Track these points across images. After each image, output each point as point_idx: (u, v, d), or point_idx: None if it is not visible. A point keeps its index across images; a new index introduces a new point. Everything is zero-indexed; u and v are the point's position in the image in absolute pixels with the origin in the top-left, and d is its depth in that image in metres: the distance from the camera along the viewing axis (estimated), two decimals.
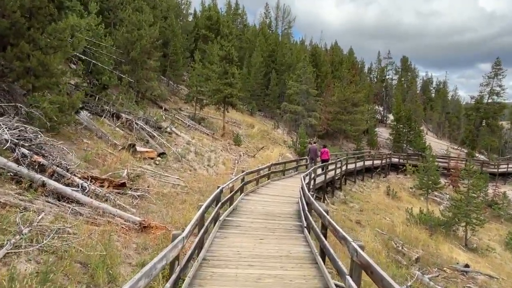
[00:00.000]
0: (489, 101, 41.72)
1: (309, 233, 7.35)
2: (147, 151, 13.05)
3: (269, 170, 15.60)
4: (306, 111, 26.15)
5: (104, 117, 14.98)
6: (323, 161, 17.91)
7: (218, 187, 7.89)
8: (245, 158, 19.93)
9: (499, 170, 35.48)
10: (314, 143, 20.93)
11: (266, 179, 15.67)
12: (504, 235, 21.96)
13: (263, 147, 21.96)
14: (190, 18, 47.60)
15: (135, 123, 15.06)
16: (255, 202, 10.97)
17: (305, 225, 7.70)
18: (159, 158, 13.61)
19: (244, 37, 49.49)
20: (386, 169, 30.73)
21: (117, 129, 14.55)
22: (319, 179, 16.44)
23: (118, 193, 8.82)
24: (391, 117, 54.61)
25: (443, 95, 76.45)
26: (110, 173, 9.79)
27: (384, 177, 29.89)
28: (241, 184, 11.47)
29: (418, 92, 66.10)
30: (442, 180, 34.17)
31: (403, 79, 65.70)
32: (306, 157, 19.72)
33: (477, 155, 45.12)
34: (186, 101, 26.57)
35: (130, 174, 10.38)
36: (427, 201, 21.02)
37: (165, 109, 22.68)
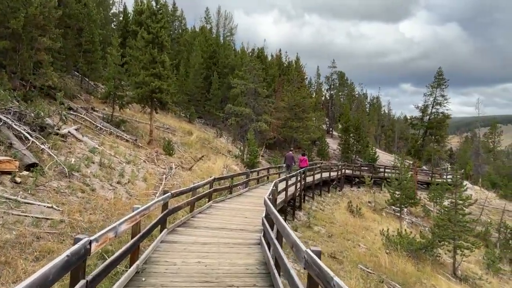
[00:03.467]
0: (433, 111, 41.54)
1: None
2: None
3: (210, 188, 10.86)
4: (254, 115, 21.89)
5: None
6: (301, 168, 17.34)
7: (78, 239, 3.00)
8: (179, 171, 14.91)
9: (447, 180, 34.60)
10: (291, 150, 20.03)
11: (206, 200, 10.90)
12: (475, 254, 19.59)
13: (202, 156, 17.11)
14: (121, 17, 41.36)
15: None
16: (185, 248, 6.15)
17: None
18: (25, 173, 8.14)
19: (182, 40, 44.57)
20: (341, 182, 27.62)
21: None
22: (280, 198, 12.09)
23: None
24: (336, 129, 53.15)
25: (378, 109, 78.89)
26: None
27: (339, 191, 26.66)
28: (161, 215, 6.59)
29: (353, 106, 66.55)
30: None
31: (340, 93, 65.62)
32: (283, 164, 19.49)
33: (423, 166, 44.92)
34: (105, 101, 20.83)
35: None
36: (400, 220, 17.71)
37: (69, 108, 16.86)
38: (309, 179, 19.77)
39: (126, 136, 16.40)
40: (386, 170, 33.19)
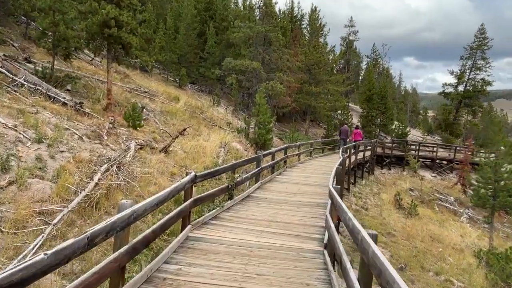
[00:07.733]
0: (471, 77, 34.99)
1: None
2: None
3: (187, 198, 4.86)
4: (265, 72, 15.57)
5: None
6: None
7: None
8: (144, 154, 8.90)
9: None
10: (345, 123, 18.94)
11: (179, 227, 4.95)
12: None
13: (185, 129, 11.00)
14: None
15: None
16: None
17: None
18: None
19: None
20: (373, 164, 21.71)
21: None
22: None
23: None
24: (351, 100, 46.74)
25: (388, 82, 72.76)
26: None
27: (372, 174, 20.87)
28: None
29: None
30: (428, 175, 26.39)
31: (349, 63, 58.97)
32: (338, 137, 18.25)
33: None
34: (55, 52, 14.53)
35: None
36: (491, 231, 11.67)
37: None
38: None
39: (64, 98, 10.28)
40: (421, 148, 27.28)
